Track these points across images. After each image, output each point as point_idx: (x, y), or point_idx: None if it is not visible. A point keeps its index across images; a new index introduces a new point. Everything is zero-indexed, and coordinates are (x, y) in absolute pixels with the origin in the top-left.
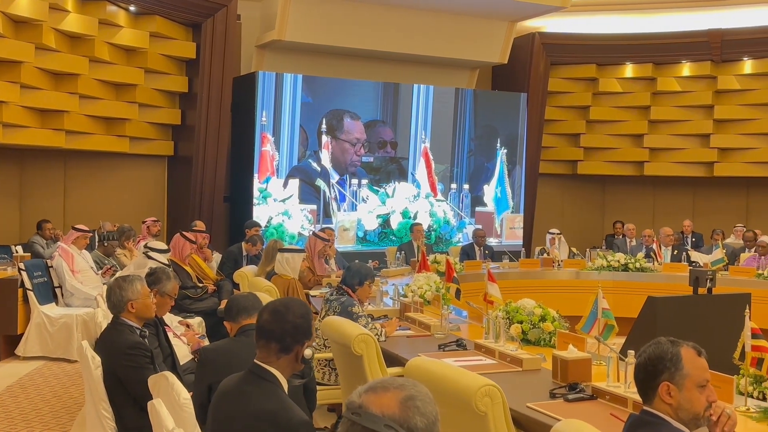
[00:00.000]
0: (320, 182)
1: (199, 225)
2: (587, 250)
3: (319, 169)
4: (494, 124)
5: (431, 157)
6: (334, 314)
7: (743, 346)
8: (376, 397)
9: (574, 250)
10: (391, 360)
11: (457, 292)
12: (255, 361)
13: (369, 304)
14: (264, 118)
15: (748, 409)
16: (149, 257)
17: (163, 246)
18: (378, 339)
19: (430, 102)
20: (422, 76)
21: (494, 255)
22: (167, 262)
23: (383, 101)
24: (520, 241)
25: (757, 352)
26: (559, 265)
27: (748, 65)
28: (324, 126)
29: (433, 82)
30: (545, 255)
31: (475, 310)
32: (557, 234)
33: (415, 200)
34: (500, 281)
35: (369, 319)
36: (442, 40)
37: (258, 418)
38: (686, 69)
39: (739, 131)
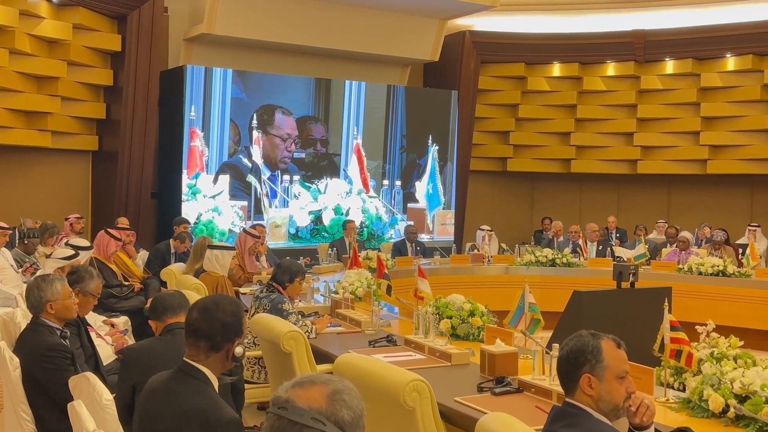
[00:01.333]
0: (251, 178)
1: (122, 221)
2: (516, 245)
3: (250, 165)
4: (426, 121)
5: (363, 153)
6: (264, 312)
7: (662, 339)
8: (302, 392)
9: (503, 246)
10: (322, 357)
11: (388, 289)
12: (184, 359)
13: (300, 301)
14: (193, 113)
15: (668, 400)
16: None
17: (85, 243)
18: (308, 336)
19: (362, 98)
20: (354, 73)
21: (426, 251)
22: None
23: (315, 97)
24: (452, 237)
25: (676, 344)
26: (489, 260)
27: (669, 65)
28: (255, 121)
29: (365, 79)
30: (476, 251)
31: (406, 306)
32: (488, 231)
33: (348, 197)
34: (431, 277)
35: (299, 317)
36: (374, 37)
37: (187, 416)
38: (611, 69)
39: (661, 130)
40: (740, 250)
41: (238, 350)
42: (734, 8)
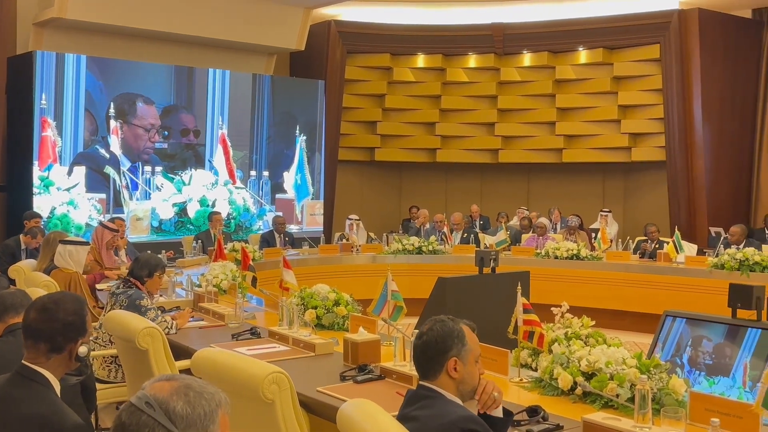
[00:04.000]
0: (110, 170)
1: None
2: (384, 234)
3: (108, 156)
4: (293, 111)
5: (229, 143)
6: (120, 308)
7: (516, 321)
8: (159, 384)
9: (371, 235)
10: (183, 352)
11: (254, 280)
12: (23, 362)
13: (160, 296)
14: (44, 101)
15: (522, 380)
16: None
17: None
18: (168, 332)
19: (227, 87)
20: (218, 61)
21: (294, 242)
22: None
23: (177, 86)
24: (321, 228)
25: (528, 326)
26: (357, 250)
27: (527, 58)
28: (113, 110)
29: (230, 67)
30: (344, 240)
31: (271, 298)
32: (356, 220)
33: (213, 188)
34: (300, 268)
35: (159, 312)
36: (238, 24)
37: (27, 423)
38: (472, 61)
39: (520, 120)
40: (593, 235)
41: (82, 349)
42: (586, 3)
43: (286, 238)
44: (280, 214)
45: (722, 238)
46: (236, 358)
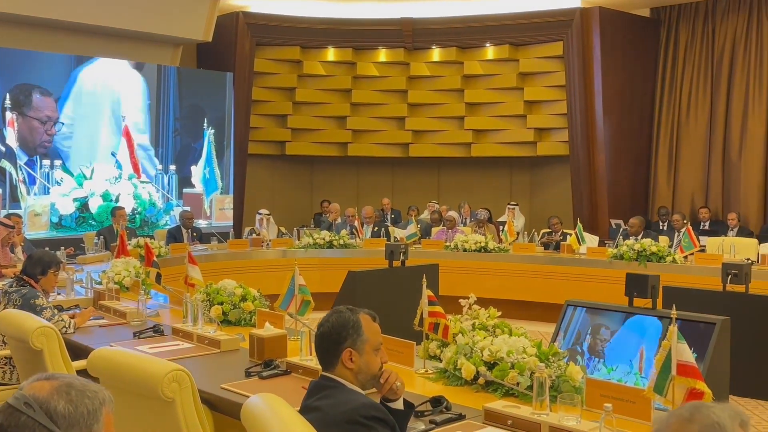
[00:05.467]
0: (5, 163)
1: None
2: (295, 229)
3: (3, 149)
4: (201, 104)
5: (133, 136)
6: (14, 307)
7: (422, 313)
8: (38, 384)
9: (282, 229)
10: (83, 352)
11: (158, 277)
12: None
13: (58, 294)
14: None
15: (427, 371)
16: None
17: None
18: (65, 331)
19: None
20: (121, 51)
21: (203, 237)
22: None
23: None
24: (231, 222)
25: (434, 318)
26: (267, 245)
27: (436, 53)
28: (8, 102)
29: (134, 58)
30: (254, 235)
31: (175, 294)
32: (266, 214)
33: (117, 182)
34: (208, 263)
35: (56, 311)
36: (142, 14)
37: None
38: (382, 55)
39: (430, 115)
40: (501, 227)
41: None
42: (493, 0)
43: (194, 234)
44: (188, 208)
45: (621, 229)
46: (135, 357)
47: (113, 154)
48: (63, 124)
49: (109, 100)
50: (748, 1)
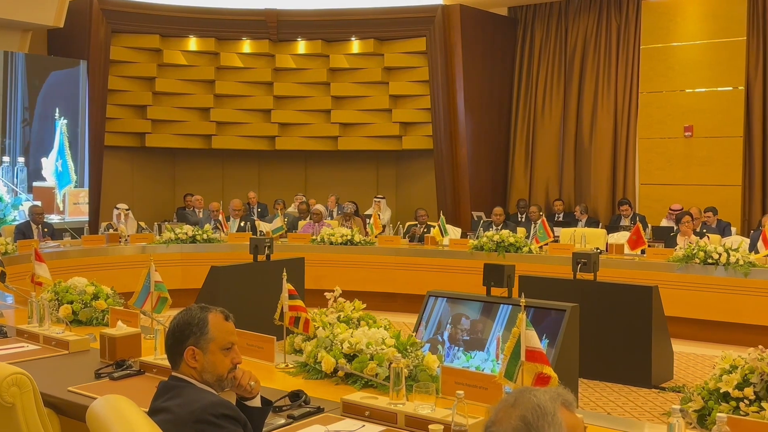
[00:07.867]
0: None
1: None
2: (155, 223)
3: None
4: (52, 93)
5: None
6: None
7: (282, 307)
8: None
9: (142, 224)
10: None
11: (2, 275)
12: None
13: None
14: None
15: (287, 366)
16: None
17: None
18: None
19: None
20: None
21: (55, 233)
22: None
23: None
24: (87, 217)
25: (294, 311)
26: (126, 240)
27: (301, 45)
28: None
29: None
30: (111, 231)
31: (20, 294)
32: (125, 209)
33: None
34: (61, 260)
35: None
36: None
37: None
38: (247, 46)
39: (297, 108)
40: (367, 220)
41: None
42: None
43: (45, 229)
44: (38, 203)
45: (482, 221)
46: None
47: None
48: None
49: None
50: (597, 1)
